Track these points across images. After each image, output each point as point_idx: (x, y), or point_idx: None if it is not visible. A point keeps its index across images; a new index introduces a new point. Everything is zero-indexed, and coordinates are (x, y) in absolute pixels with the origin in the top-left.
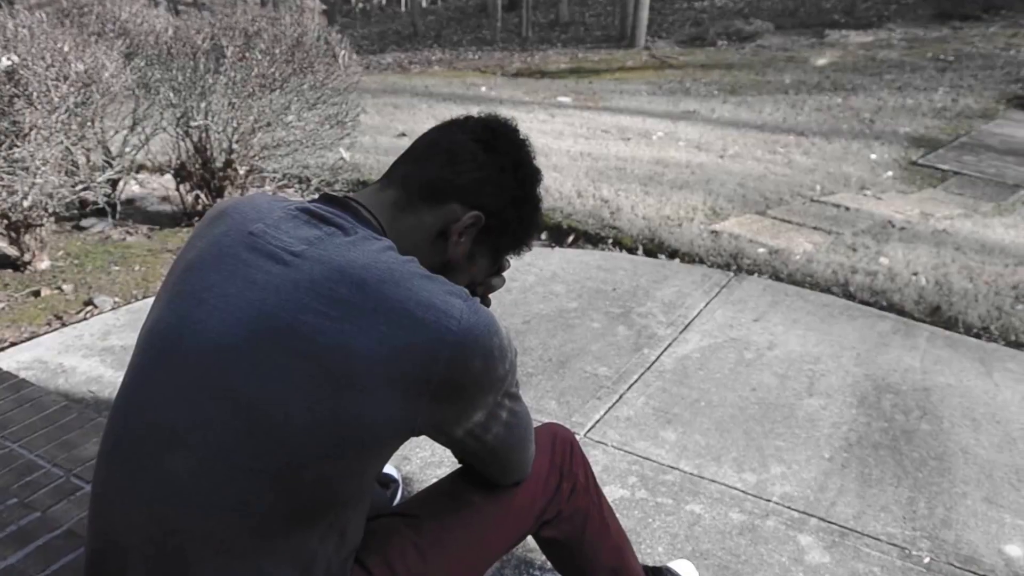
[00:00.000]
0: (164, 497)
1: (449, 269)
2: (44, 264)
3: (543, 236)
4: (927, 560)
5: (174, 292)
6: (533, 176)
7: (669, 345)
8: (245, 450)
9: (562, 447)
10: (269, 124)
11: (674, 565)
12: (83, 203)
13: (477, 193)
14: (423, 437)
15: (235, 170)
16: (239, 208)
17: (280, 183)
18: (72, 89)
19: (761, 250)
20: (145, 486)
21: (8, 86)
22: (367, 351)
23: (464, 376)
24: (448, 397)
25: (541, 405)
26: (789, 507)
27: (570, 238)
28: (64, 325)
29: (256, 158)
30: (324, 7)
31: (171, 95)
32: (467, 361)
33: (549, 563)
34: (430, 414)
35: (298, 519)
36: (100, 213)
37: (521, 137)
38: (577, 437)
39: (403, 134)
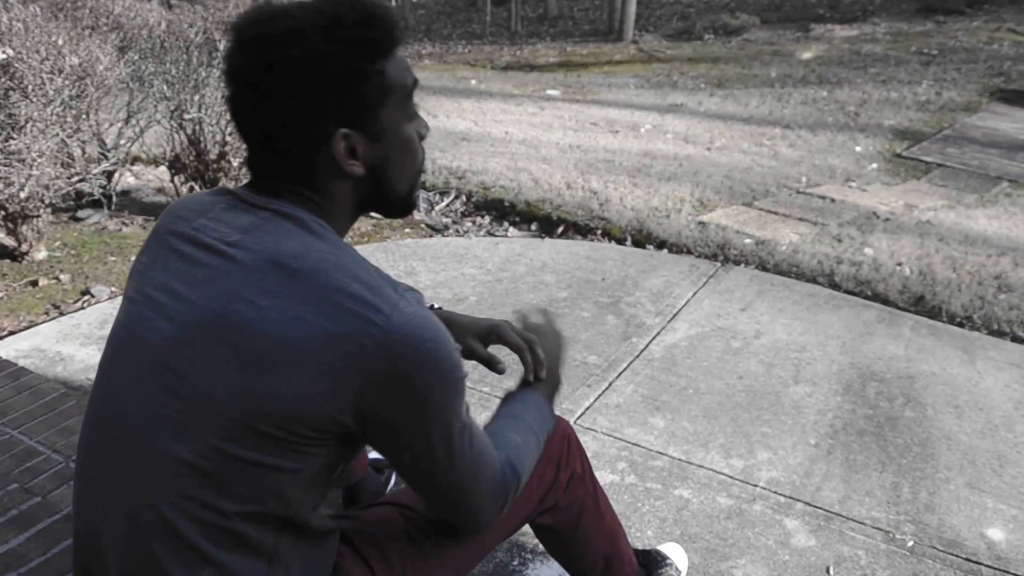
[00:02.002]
0: (129, 485)
1: (384, 175)
2: (41, 254)
3: (533, 227)
4: (911, 544)
5: (131, 293)
6: (349, 34)
7: (657, 334)
8: (187, 442)
9: (560, 438)
10: None
11: (663, 548)
12: (79, 194)
13: (313, 117)
14: None
15: (229, 162)
16: (184, 206)
17: None
18: (67, 82)
19: (748, 241)
20: (114, 475)
21: (3, 79)
22: (293, 340)
23: (391, 374)
24: (374, 395)
25: None
26: (775, 492)
27: (559, 229)
28: (62, 314)
29: None
30: None
31: (165, 88)
32: (394, 358)
33: (540, 547)
34: (357, 411)
35: (247, 512)
36: (96, 204)
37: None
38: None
39: None
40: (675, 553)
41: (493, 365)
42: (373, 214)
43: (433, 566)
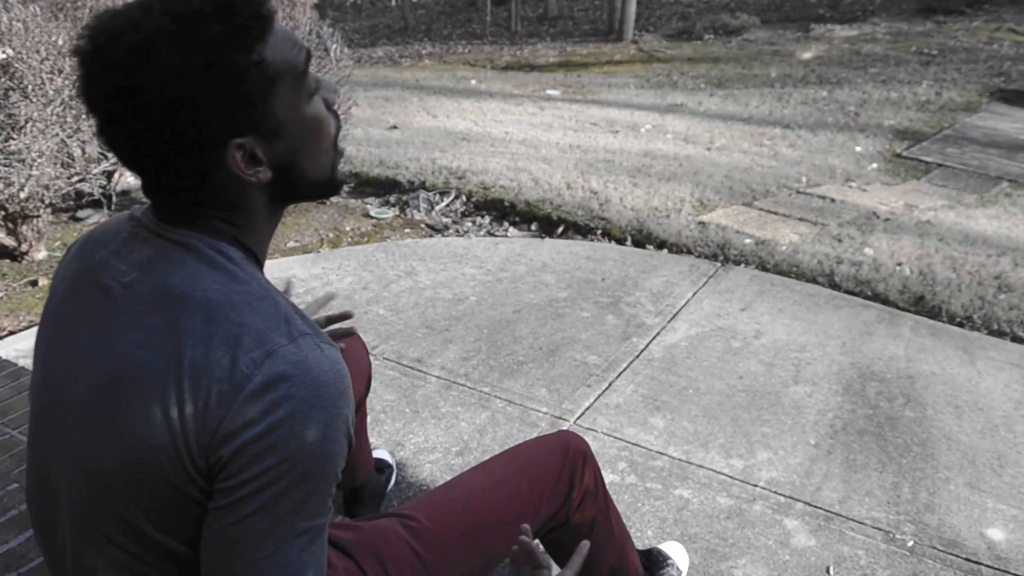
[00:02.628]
0: (64, 547)
1: (295, 167)
2: (41, 254)
3: (533, 227)
4: (911, 544)
5: (42, 340)
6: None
7: (657, 334)
8: (94, 504)
9: (574, 456)
10: None
11: (664, 547)
12: (79, 194)
13: (199, 129)
14: (425, 430)
15: None
16: (91, 237)
17: None
18: (67, 82)
19: (748, 241)
20: (52, 538)
21: (3, 79)
22: (163, 376)
23: (245, 430)
24: (232, 457)
25: (531, 393)
26: (775, 492)
27: (559, 229)
28: None
29: None
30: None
31: None
32: (252, 412)
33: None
34: (211, 474)
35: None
36: (96, 204)
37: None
38: (567, 424)
39: (394, 127)
40: (676, 552)
41: None
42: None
43: None
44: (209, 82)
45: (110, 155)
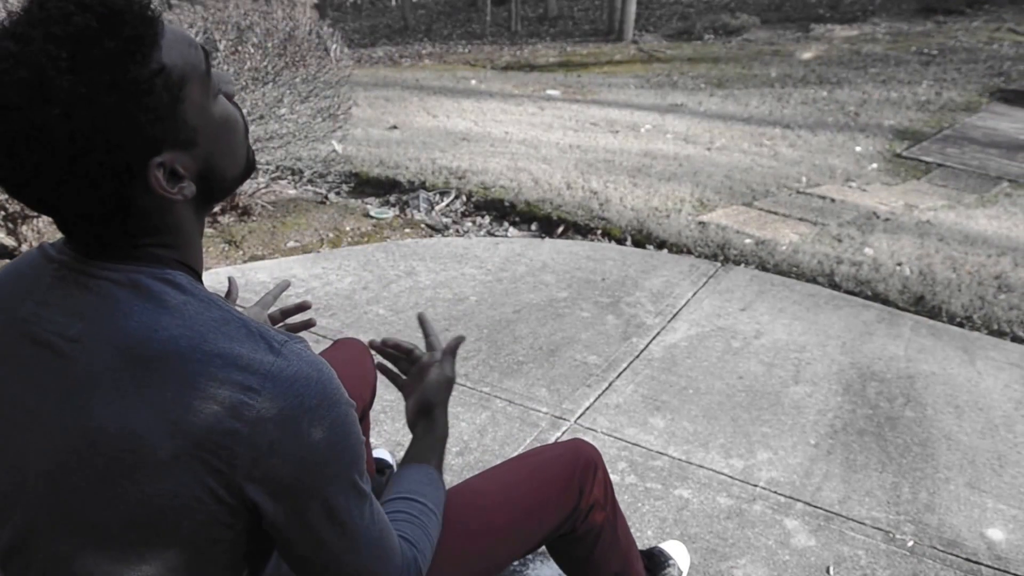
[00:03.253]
0: None
1: (215, 171)
2: None
3: (533, 227)
4: (911, 544)
5: None
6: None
7: (658, 334)
8: (85, 565)
9: (584, 465)
10: (262, 117)
11: (665, 546)
12: None
13: (108, 155)
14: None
15: None
16: (5, 286)
17: (273, 175)
18: None
19: (748, 241)
20: None
21: None
22: (159, 438)
23: (275, 453)
24: (264, 483)
25: (532, 392)
26: (775, 492)
27: (559, 229)
28: None
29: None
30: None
31: None
32: (276, 433)
33: (541, 549)
34: (252, 500)
35: None
36: None
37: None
38: (567, 424)
39: (394, 127)
40: (677, 551)
41: None
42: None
43: None
44: (115, 104)
45: None
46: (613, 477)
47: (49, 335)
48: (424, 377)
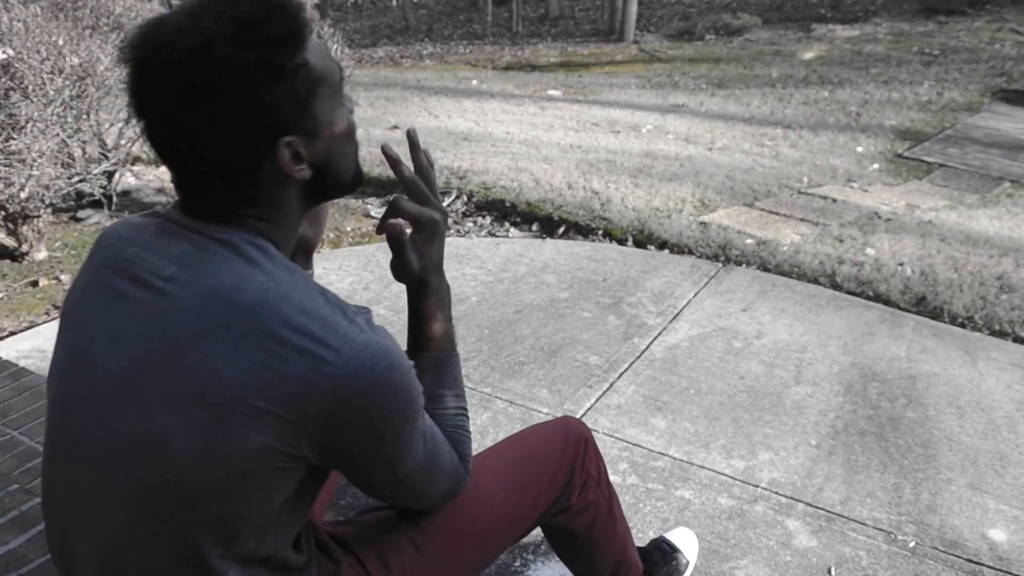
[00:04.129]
0: (97, 530)
1: (330, 168)
2: (42, 255)
3: (534, 227)
4: (912, 544)
5: (71, 332)
6: (262, 36)
7: (659, 334)
8: (142, 490)
9: (575, 442)
10: None
11: (672, 535)
12: (79, 195)
13: (246, 126)
14: None
15: None
16: (117, 232)
17: None
18: (67, 82)
19: (749, 241)
20: (81, 519)
21: (4, 79)
22: (239, 380)
23: (346, 410)
24: (330, 431)
25: (533, 393)
26: (777, 492)
27: (561, 229)
28: None
29: None
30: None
31: None
32: (350, 393)
33: (543, 547)
34: (320, 449)
35: (209, 558)
36: (96, 204)
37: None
38: None
39: (395, 126)
40: (684, 539)
41: None
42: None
43: (437, 573)
44: (264, 80)
45: (110, 155)
46: (614, 478)
47: (145, 274)
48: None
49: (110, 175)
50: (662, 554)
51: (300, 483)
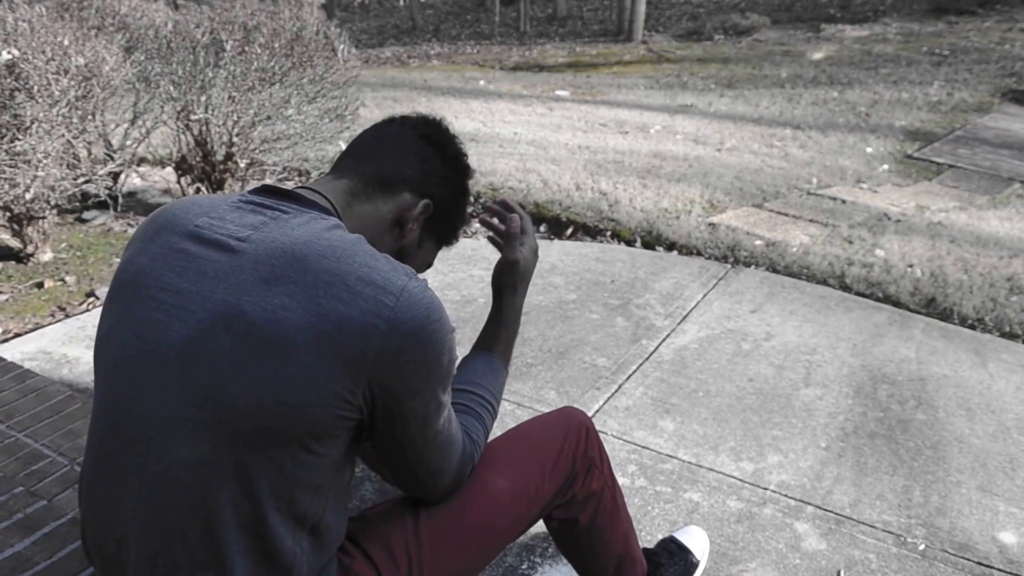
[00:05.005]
0: (149, 493)
1: (403, 255)
2: (47, 256)
3: (542, 228)
4: (922, 547)
5: (131, 299)
6: (468, 168)
7: (667, 336)
8: (206, 444)
9: (577, 431)
10: (269, 117)
11: (682, 534)
12: (85, 196)
13: (425, 183)
14: None
15: (236, 163)
16: (181, 207)
17: (280, 176)
18: (73, 83)
19: (758, 242)
20: (132, 483)
21: (9, 80)
22: (305, 325)
23: (400, 352)
24: (384, 372)
25: (540, 395)
26: (786, 495)
27: (568, 230)
28: (67, 316)
29: (256, 151)
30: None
31: (171, 89)
32: (404, 338)
33: (550, 549)
34: (370, 396)
35: (266, 515)
36: (102, 206)
37: (453, 132)
38: None
39: None
40: (695, 539)
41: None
42: None
43: (442, 566)
44: (456, 177)
45: (116, 156)
46: (623, 480)
47: (219, 236)
48: (517, 250)
49: (116, 176)
50: (669, 554)
51: (348, 446)
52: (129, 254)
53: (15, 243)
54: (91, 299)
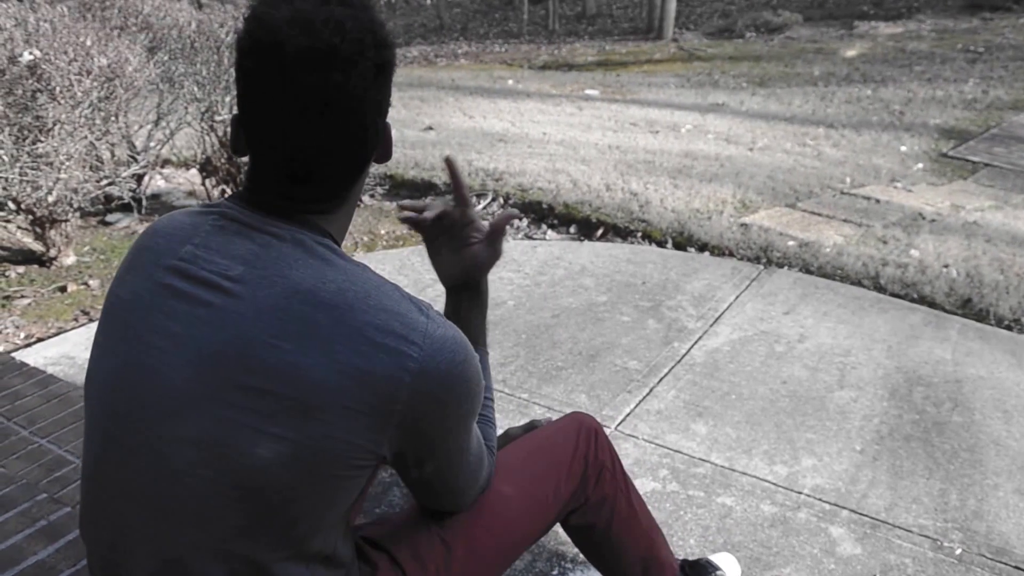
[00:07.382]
0: (154, 541)
1: (386, 147)
2: (70, 259)
3: (572, 229)
4: (959, 551)
5: (118, 337)
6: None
7: (699, 338)
8: (213, 499)
9: (586, 435)
10: None
11: (715, 558)
12: (108, 198)
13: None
14: None
15: None
16: (163, 231)
17: None
18: (95, 84)
19: (791, 243)
20: (134, 528)
21: (31, 81)
22: (326, 381)
23: (428, 401)
24: (411, 421)
25: (571, 399)
26: (820, 499)
27: (599, 232)
28: (91, 320)
29: None
30: None
31: (195, 89)
32: (433, 385)
33: (581, 556)
34: (397, 443)
35: (280, 552)
36: (125, 208)
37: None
38: (608, 430)
39: (430, 127)
40: (727, 563)
41: None
42: None
43: (467, 568)
44: (390, 77)
45: (139, 157)
46: (655, 484)
47: (208, 273)
48: (469, 251)
49: (139, 178)
50: (703, 570)
51: (367, 481)
52: (115, 279)
53: (38, 246)
54: None
